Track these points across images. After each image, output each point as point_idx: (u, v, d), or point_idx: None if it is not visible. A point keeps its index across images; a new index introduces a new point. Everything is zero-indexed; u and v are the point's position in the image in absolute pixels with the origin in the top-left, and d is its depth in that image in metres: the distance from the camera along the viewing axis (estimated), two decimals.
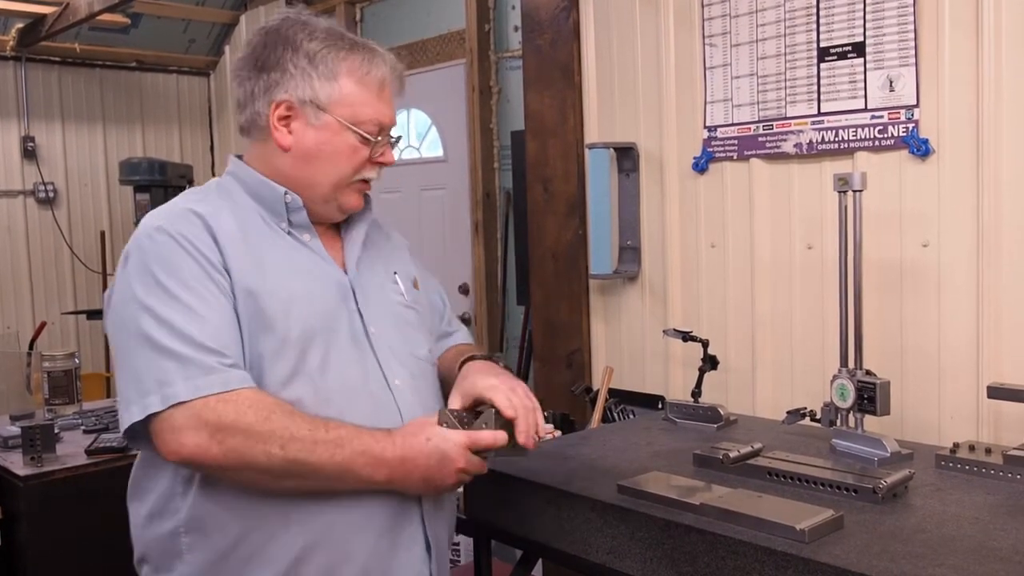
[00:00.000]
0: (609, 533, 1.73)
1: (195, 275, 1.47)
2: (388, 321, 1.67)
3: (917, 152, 2.23)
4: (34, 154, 5.15)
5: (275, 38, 1.62)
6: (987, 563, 1.39)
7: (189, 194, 1.66)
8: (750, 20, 2.56)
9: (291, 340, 1.50)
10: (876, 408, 1.98)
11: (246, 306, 1.49)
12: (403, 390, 1.62)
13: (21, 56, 5.04)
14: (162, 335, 1.43)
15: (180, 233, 1.50)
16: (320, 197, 1.63)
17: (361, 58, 1.61)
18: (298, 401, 1.48)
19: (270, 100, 1.60)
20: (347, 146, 1.61)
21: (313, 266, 1.62)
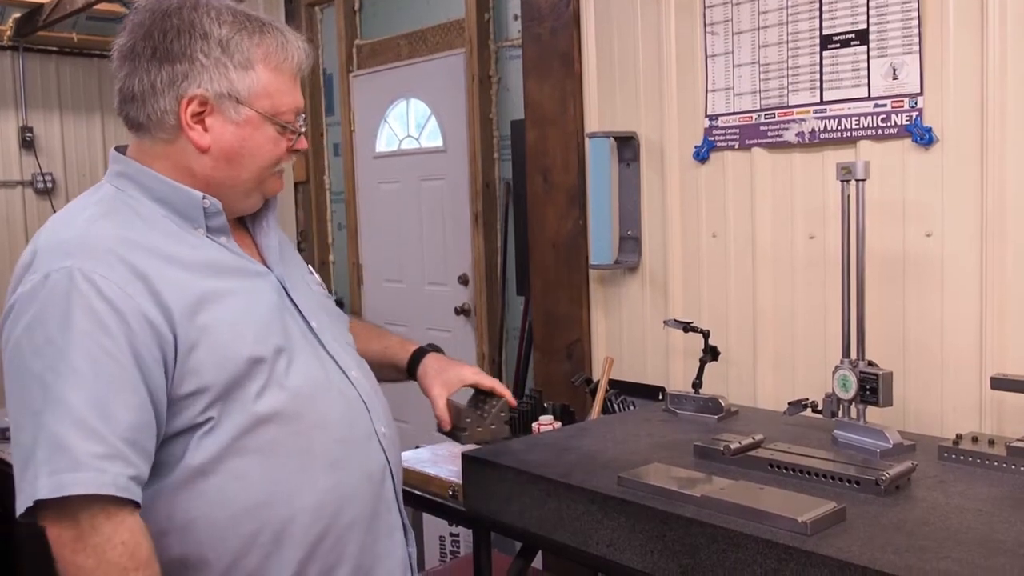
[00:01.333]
0: (609, 525, 1.72)
1: (116, 349, 1.30)
2: (322, 315, 1.60)
3: (921, 141, 2.21)
4: (32, 144, 5.14)
5: (176, 22, 1.44)
6: (992, 556, 1.38)
7: (90, 210, 1.45)
8: (752, 8, 2.54)
9: (258, 356, 1.41)
10: (878, 399, 1.97)
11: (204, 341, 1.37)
12: (361, 382, 1.58)
13: (18, 46, 5.03)
14: (73, 415, 1.27)
15: (102, 278, 1.32)
16: (242, 193, 1.52)
17: (275, 42, 1.48)
18: (271, 413, 1.41)
19: (179, 95, 1.43)
20: (268, 139, 1.49)
21: (240, 268, 1.50)
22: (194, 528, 1.38)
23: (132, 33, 1.47)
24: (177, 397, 1.37)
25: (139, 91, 1.45)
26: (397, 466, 1.63)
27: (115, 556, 1.27)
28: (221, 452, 1.38)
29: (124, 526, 1.29)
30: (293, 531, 1.43)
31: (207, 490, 1.38)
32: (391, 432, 1.61)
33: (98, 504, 1.27)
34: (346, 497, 1.49)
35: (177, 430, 1.38)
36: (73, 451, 1.26)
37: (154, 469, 1.36)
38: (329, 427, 1.48)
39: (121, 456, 1.28)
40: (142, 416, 1.32)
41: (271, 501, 1.42)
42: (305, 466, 1.45)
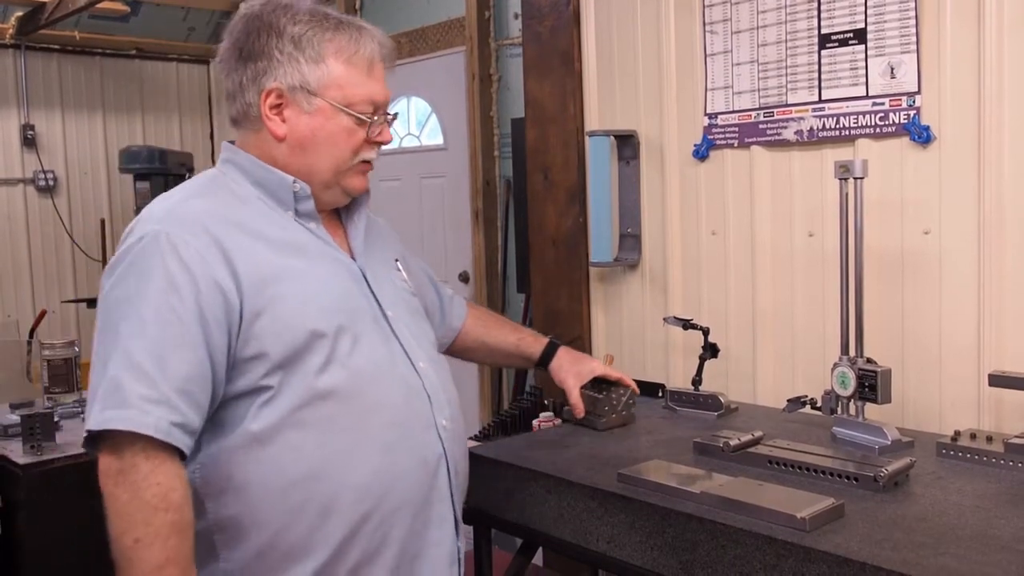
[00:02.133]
0: (609, 521, 1.73)
1: (182, 307, 1.42)
2: (400, 306, 1.68)
3: (918, 139, 2.22)
4: (34, 142, 5.15)
5: (257, 24, 1.57)
6: (989, 552, 1.39)
7: (190, 187, 1.62)
8: (751, 7, 2.55)
9: (320, 331, 1.49)
10: (877, 396, 1.98)
11: (271, 310, 1.47)
12: (428, 373, 1.63)
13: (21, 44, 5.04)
14: (131, 360, 1.39)
15: (184, 243, 1.45)
16: (321, 184, 1.61)
17: (348, 37, 1.58)
18: (331, 390, 1.48)
19: (259, 89, 1.56)
20: (342, 129, 1.58)
21: (323, 252, 1.60)
22: (249, 491, 1.46)
23: (227, 38, 1.62)
24: (240, 359, 1.46)
25: (232, 89, 1.61)
26: (456, 460, 1.65)
27: (148, 495, 1.36)
28: (279, 422, 1.46)
29: (161, 469, 1.37)
30: (339, 507, 1.48)
31: (263, 457, 1.46)
32: (454, 426, 1.65)
33: (140, 444, 1.36)
34: (395, 480, 1.53)
35: (239, 392, 1.47)
36: (124, 391, 1.37)
37: (218, 429, 1.48)
38: (385, 410, 1.54)
39: (168, 403, 1.38)
40: (197, 370, 1.41)
41: (321, 475, 1.48)
42: (357, 445, 1.50)
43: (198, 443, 1.47)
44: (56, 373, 3.14)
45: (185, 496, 1.39)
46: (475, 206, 4.16)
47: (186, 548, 1.39)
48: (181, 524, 1.38)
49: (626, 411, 2.24)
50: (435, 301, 2.01)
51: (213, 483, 1.47)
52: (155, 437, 1.36)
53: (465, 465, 1.71)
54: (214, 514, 1.47)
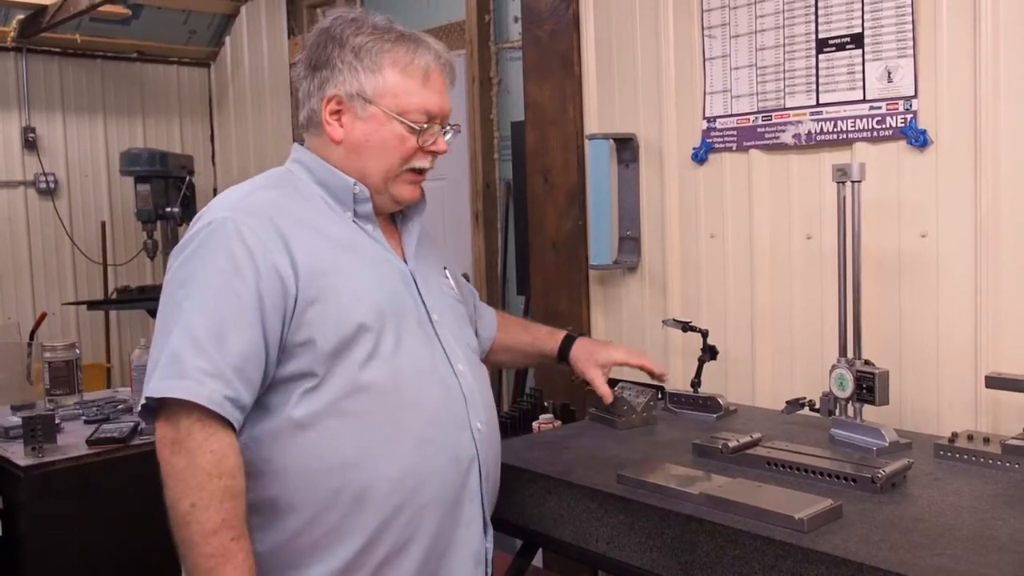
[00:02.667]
0: (609, 522, 1.74)
1: (244, 289, 1.50)
2: (446, 311, 1.75)
3: (915, 143, 2.23)
4: (35, 145, 5.15)
5: (326, 37, 1.68)
6: (985, 553, 1.40)
7: (260, 181, 1.72)
8: (749, 11, 2.56)
9: (367, 325, 1.56)
10: (875, 398, 1.99)
11: (323, 300, 1.54)
12: (466, 376, 1.70)
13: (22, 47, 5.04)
14: (191, 334, 1.47)
15: (249, 230, 1.54)
16: (372, 188, 1.69)
17: (405, 48, 1.67)
18: (372, 384, 1.55)
19: (322, 96, 1.67)
20: (394, 136, 1.66)
21: (377, 253, 1.68)
22: (288, 474, 1.53)
23: (304, 50, 1.74)
24: (292, 344, 1.54)
25: (302, 96, 1.72)
26: (489, 462, 1.71)
27: (203, 461, 1.44)
28: (321, 410, 1.54)
29: (215, 438, 1.45)
30: (372, 497, 1.54)
31: (303, 442, 1.53)
32: (488, 429, 1.71)
33: (196, 414, 1.44)
34: (428, 476, 1.59)
35: (287, 375, 1.55)
36: (183, 363, 1.46)
37: (262, 412, 1.55)
38: (423, 408, 1.60)
39: (223, 377, 1.46)
40: (252, 349, 1.49)
41: (357, 464, 1.54)
42: (393, 438, 1.57)
43: (242, 424, 1.53)
44: (57, 375, 3.15)
45: (238, 464, 1.47)
46: (475, 208, 4.17)
47: (240, 512, 1.46)
48: (235, 489, 1.45)
49: (647, 413, 2.27)
50: (471, 313, 2.04)
51: (254, 464, 1.52)
52: (208, 408, 1.43)
53: (496, 469, 1.77)
54: (252, 495, 1.52)
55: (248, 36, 5.30)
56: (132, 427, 2.79)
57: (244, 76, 5.36)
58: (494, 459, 1.75)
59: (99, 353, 5.31)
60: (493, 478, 1.75)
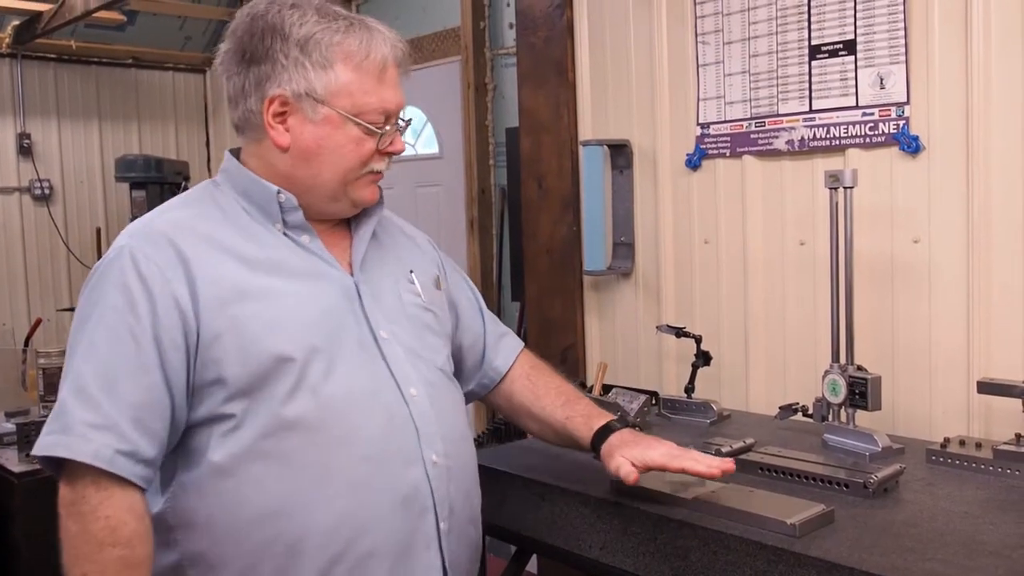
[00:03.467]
0: (602, 528, 1.74)
1: (138, 327, 1.36)
2: (402, 324, 1.55)
3: (908, 149, 2.24)
4: (30, 151, 5.16)
5: (262, 25, 1.47)
6: (977, 557, 1.41)
7: (177, 199, 1.57)
8: (742, 18, 2.57)
9: (287, 355, 1.39)
10: (867, 403, 2.00)
11: (231, 332, 1.38)
12: (419, 400, 1.50)
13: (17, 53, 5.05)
14: (79, 383, 1.34)
15: (145, 258, 1.38)
16: (327, 195, 1.51)
17: (358, 40, 1.47)
18: (297, 420, 1.39)
19: (262, 96, 1.46)
20: (350, 139, 1.48)
21: (310, 269, 1.49)
22: (214, 526, 1.38)
23: (229, 38, 1.52)
24: (200, 384, 1.39)
25: (233, 94, 1.51)
26: (452, 500, 1.51)
27: (96, 528, 1.30)
28: (242, 453, 1.38)
29: (111, 501, 1.31)
30: (306, 548, 1.39)
31: (226, 490, 1.38)
32: (450, 462, 1.51)
33: (92, 474, 1.30)
34: (367, 522, 1.42)
35: (200, 419, 1.40)
36: (68, 416, 1.31)
37: (183, 459, 1.41)
38: (356, 443, 1.42)
39: (113, 429, 1.31)
40: (150, 396, 1.34)
41: (285, 512, 1.39)
42: (321, 481, 1.40)
43: (171, 472, 1.42)
44: (51, 382, 3.15)
45: (137, 531, 1.32)
46: (470, 214, 4.18)
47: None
48: (131, 560, 1.31)
49: (641, 418, 2.25)
50: (478, 332, 1.81)
51: (181, 515, 1.40)
52: (96, 466, 1.29)
53: (468, 506, 1.57)
54: (185, 547, 1.40)
55: None
56: None
57: None
58: (461, 494, 1.54)
59: None
60: (461, 516, 1.54)
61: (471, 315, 1.81)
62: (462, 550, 1.55)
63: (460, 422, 1.59)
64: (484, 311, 1.85)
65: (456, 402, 1.63)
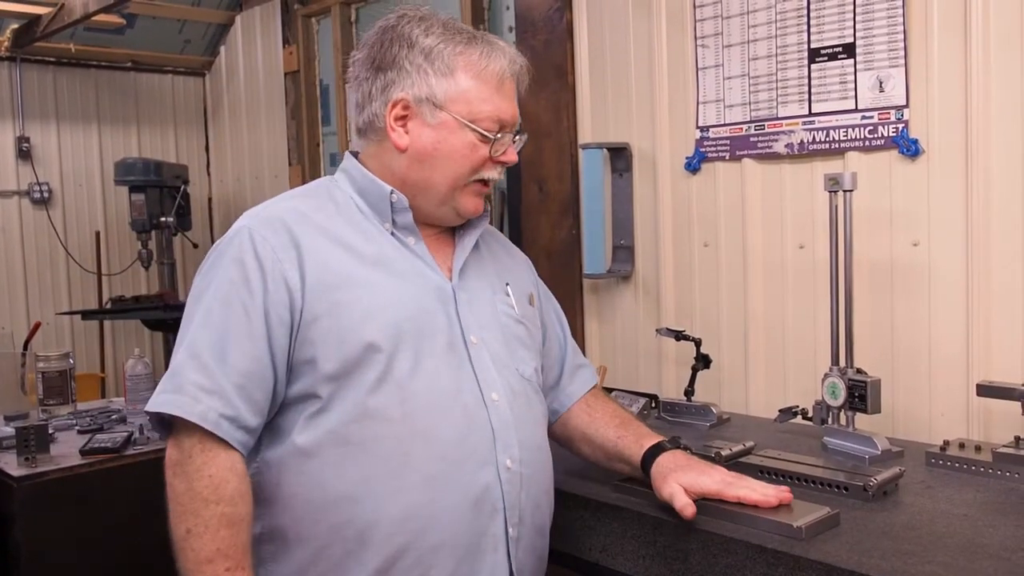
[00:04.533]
0: (602, 531, 1.74)
1: (251, 301, 1.44)
2: (493, 332, 1.60)
3: (907, 152, 2.24)
4: (29, 154, 5.15)
5: (391, 35, 1.56)
6: (976, 560, 1.41)
7: (295, 190, 1.65)
8: (741, 21, 2.57)
9: (377, 345, 1.45)
10: (867, 406, 1.99)
11: (329, 316, 1.45)
12: (499, 406, 1.53)
13: (16, 57, 5.03)
14: (194, 348, 1.43)
15: (262, 239, 1.47)
16: (437, 199, 1.58)
17: (479, 52, 1.55)
18: (380, 410, 1.44)
19: (387, 100, 1.55)
20: (464, 144, 1.55)
21: (411, 269, 1.55)
22: (295, 503, 1.45)
23: (362, 48, 1.61)
24: (297, 362, 1.46)
25: (360, 99, 1.60)
26: (522, 507, 1.54)
27: (200, 486, 1.38)
28: (325, 437, 1.44)
29: (215, 461, 1.39)
30: (374, 536, 1.43)
31: (308, 470, 1.45)
32: (524, 469, 1.54)
33: (197, 435, 1.39)
34: (436, 517, 1.45)
35: (293, 397, 1.47)
36: (182, 377, 1.41)
37: (273, 435, 1.49)
38: (433, 440, 1.46)
39: (222, 394, 1.40)
40: (256, 366, 1.43)
41: (359, 498, 1.44)
42: (398, 473, 1.44)
43: (256, 448, 1.48)
44: (51, 385, 3.14)
45: (239, 490, 1.40)
46: None
47: (239, 541, 1.40)
48: (233, 517, 1.39)
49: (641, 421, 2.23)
50: (557, 357, 1.84)
51: (265, 489, 1.47)
52: (202, 427, 1.38)
53: (540, 515, 1.60)
54: (265, 521, 1.47)
55: (243, 45, 5.31)
56: (126, 437, 2.78)
57: (239, 85, 5.36)
58: (532, 503, 1.56)
59: (93, 363, 5.30)
60: (531, 525, 1.56)
61: (554, 341, 1.85)
62: (529, 559, 1.58)
63: (539, 432, 1.63)
64: (568, 339, 1.89)
65: (538, 412, 1.66)
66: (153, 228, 4.93)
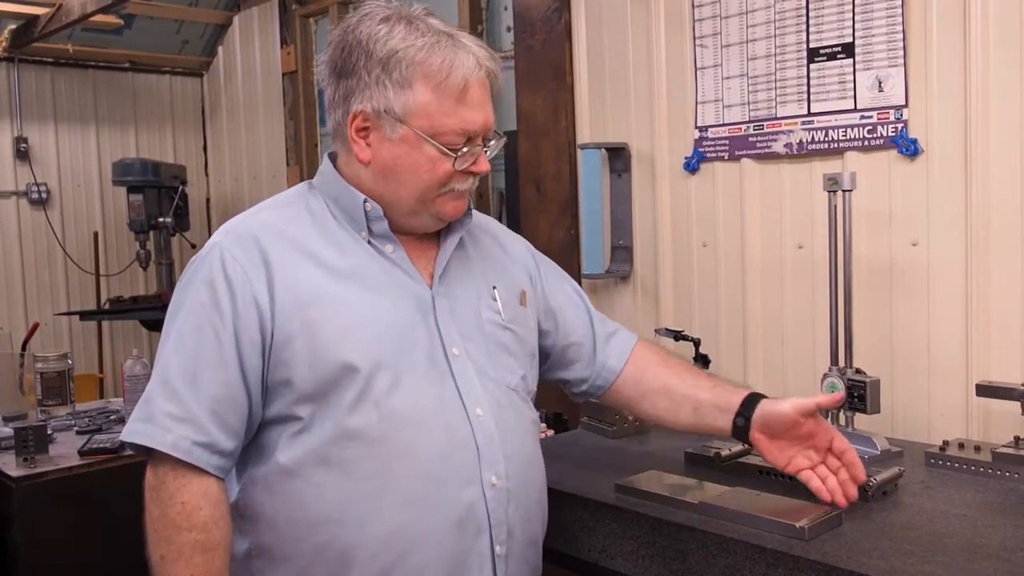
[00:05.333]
0: (601, 532, 1.74)
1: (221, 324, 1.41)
2: (476, 342, 1.54)
3: (906, 152, 2.24)
4: (27, 155, 5.14)
5: (351, 39, 1.47)
6: (975, 560, 1.41)
7: (273, 199, 1.60)
8: (740, 21, 2.57)
9: (354, 365, 1.41)
10: (866, 406, 2.00)
11: (302, 336, 1.41)
12: (484, 421, 1.49)
13: (14, 57, 5.03)
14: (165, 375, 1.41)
15: (232, 258, 1.43)
16: (406, 211, 1.52)
17: (440, 59, 1.44)
18: (360, 430, 1.41)
19: (347, 110, 1.49)
20: (427, 159, 1.47)
21: (388, 280, 1.50)
22: (278, 522, 1.44)
23: (327, 48, 1.54)
24: (272, 383, 1.43)
25: (327, 103, 1.54)
26: (510, 524, 1.50)
27: (173, 513, 1.37)
28: (306, 456, 1.42)
29: (188, 488, 1.38)
30: (357, 557, 1.41)
31: (290, 490, 1.43)
32: (510, 484, 1.50)
33: (171, 462, 1.38)
34: (420, 538, 1.43)
35: (272, 418, 1.45)
36: (152, 406, 1.39)
37: (257, 453, 1.47)
38: (415, 460, 1.43)
39: (193, 421, 1.38)
40: (228, 391, 1.40)
41: (341, 519, 1.41)
42: (379, 493, 1.41)
43: (244, 465, 1.47)
44: (49, 385, 3.14)
45: (212, 516, 1.38)
46: None
47: (215, 567, 1.37)
48: (207, 543, 1.37)
49: (639, 421, 2.25)
50: (585, 332, 1.78)
51: (250, 507, 1.46)
52: (174, 456, 1.37)
53: (531, 528, 1.57)
54: (253, 538, 1.46)
55: (241, 46, 5.31)
56: None
57: (237, 86, 5.36)
58: (522, 517, 1.53)
59: (91, 364, 5.30)
60: (522, 539, 1.53)
61: (574, 316, 1.78)
62: (521, 571, 1.56)
63: (527, 444, 1.58)
64: (592, 312, 1.82)
65: (526, 424, 1.60)
66: (151, 228, 4.93)
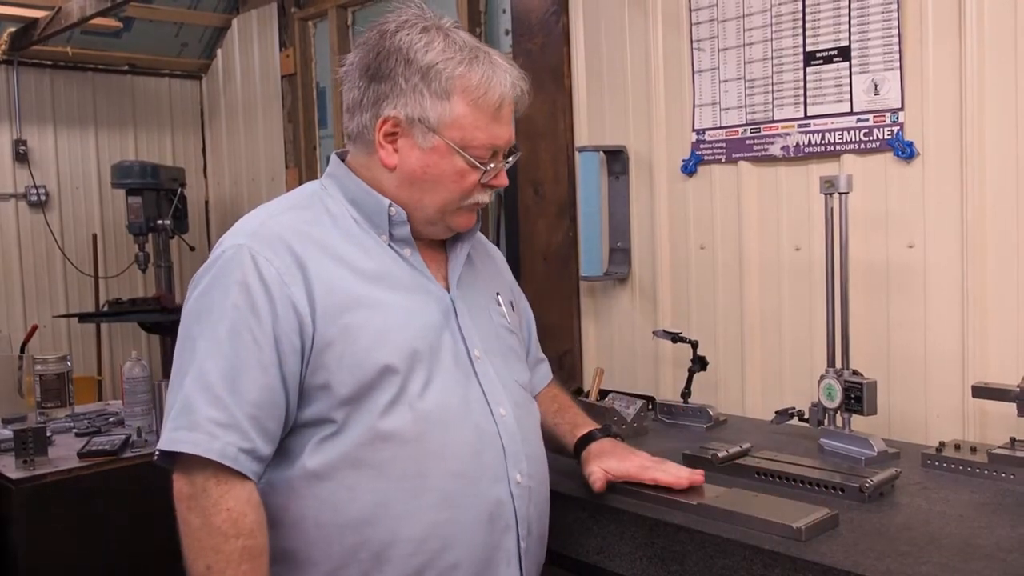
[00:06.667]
0: (599, 533, 1.74)
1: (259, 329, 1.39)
2: (492, 344, 1.59)
3: (902, 155, 2.25)
4: (26, 157, 5.14)
5: (389, 45, 1.49)
6: (971, 561, 1.41)
7: (287, 200, 1.58)
8: (737, 24, 2.58)
9: (393, 367, 1.42)
10: (863, 408, 2.00)
11: (342, 340, 1.41)
12: (507, 420, 1.53)
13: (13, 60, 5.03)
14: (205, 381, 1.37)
15: (265, 261, 1.41)
16: (424, 219, 1.54)
17: (479, 76, 1.48)
18: (394, 432, 1.42)
19: (377, 114, 1.49)
20: (454, 171, 1.50)
21: (413, 282, 1.52)
22: (304, 526, 1.43)
23: (358, 50, 1.54)
24: (309, 387, 1.42)
25: (351, 103, 1.53)
26: (531, 520, 1.55)
27: (219, 521, 1.34)
28: (338, 460, 1.42)
29: (232, 494, 1.35)
30: (392, 556, 1.42)
31: (320, 493, 1.42)
32: (531, 482, 1.55)
33: (211, 468, 1.35)
34: (454, 536, 1.45)
35: (305, 421, 1.44)
36: (195, 413, 1.35)
37: (280, 457, 1.44)
38: (448, 459, 1.45)
39: (237, 428, 1.36)
40: (268, 396, 1.39)
41: (375, 520, 1.42)
42: (415, 493, 1.43)
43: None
44: (48, 388, 3.15)
45: (257, 521, 1.37)
46: None
47: (260, 573, 1.36)
48: (254, 550, 1.36)
49: (637, 423, 2.26)
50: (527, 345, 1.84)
51: (269, 511, 1.42)
52: (221, 463, 1.34)
53: (542, 525, 1.61)
54: (272, 543, 1.42)
55: (240, 48, 5.31)
56: (123, 440, 2.79)
57: (236, 88, 5.37)
58: (539, 515, 1.58)
59: (90, 366, 5.30)
60: (537, 536, 1.58)
61: (527, 334, 1.85)
62: (534, 568, 1.60)
63: (541, 443, 1.63)
64: (533, 333, 1.89)
65: (537, 424, 1.66)
66: (150, 231, 4.93)
